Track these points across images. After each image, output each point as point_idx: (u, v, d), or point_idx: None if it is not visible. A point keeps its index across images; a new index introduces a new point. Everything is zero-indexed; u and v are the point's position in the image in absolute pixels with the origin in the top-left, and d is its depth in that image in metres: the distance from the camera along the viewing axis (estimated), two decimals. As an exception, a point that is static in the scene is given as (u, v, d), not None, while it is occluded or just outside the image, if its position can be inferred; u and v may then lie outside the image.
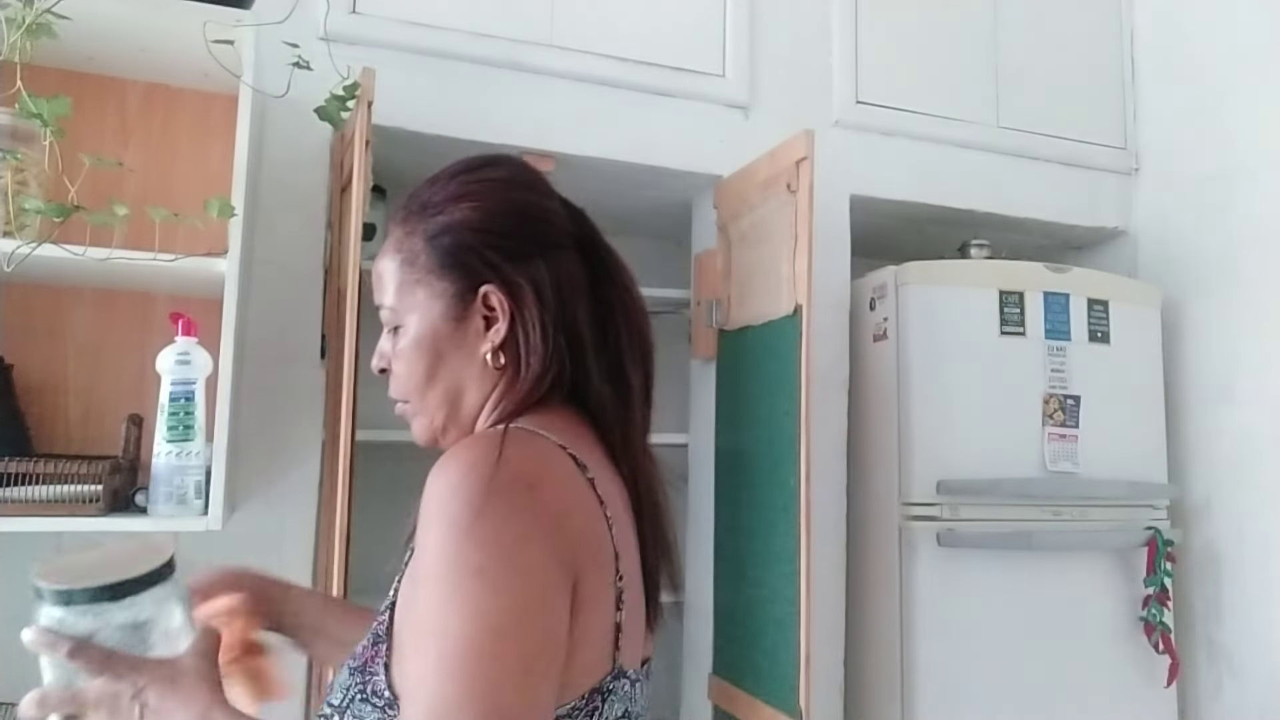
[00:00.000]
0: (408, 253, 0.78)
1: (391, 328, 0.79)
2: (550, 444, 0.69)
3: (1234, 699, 1.98)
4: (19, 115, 1.23)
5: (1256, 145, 2.01)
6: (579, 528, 0.66)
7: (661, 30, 1.90)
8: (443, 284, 0.76)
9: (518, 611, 0.60)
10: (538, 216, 0.79)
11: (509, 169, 0.82)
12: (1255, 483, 1.97)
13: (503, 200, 0.78)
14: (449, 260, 0.76)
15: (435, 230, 0.77)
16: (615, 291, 0.81)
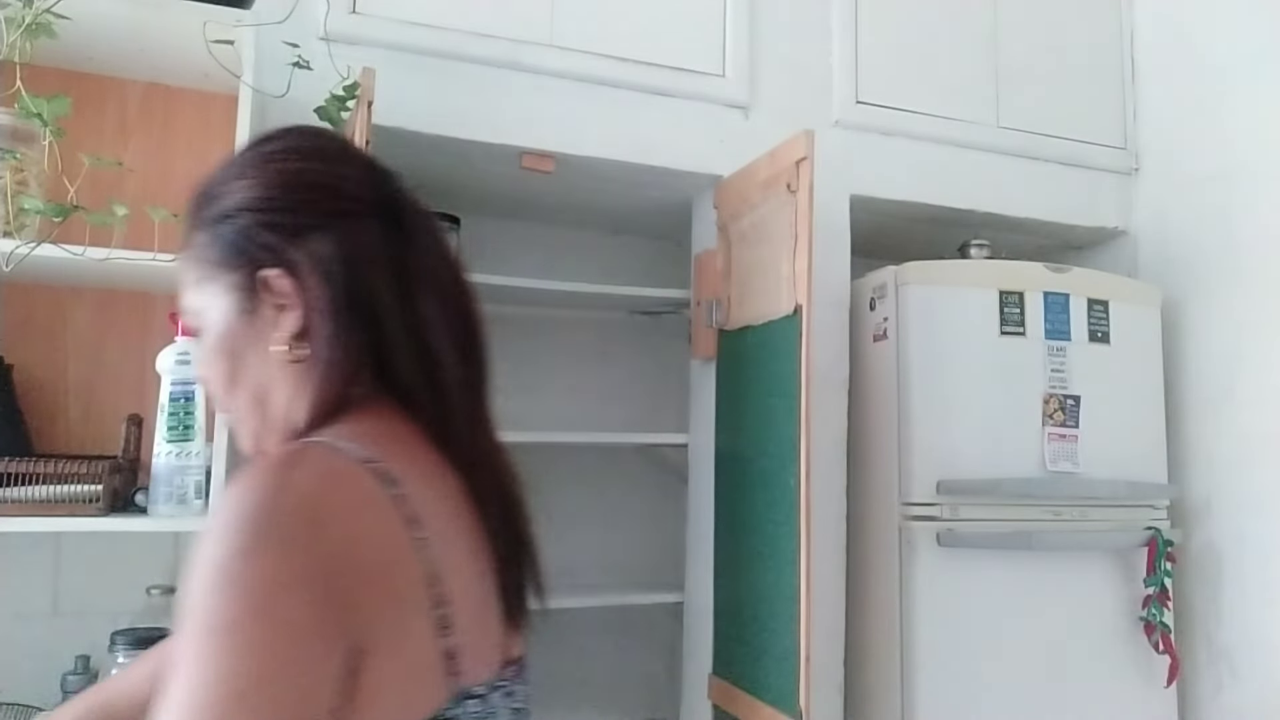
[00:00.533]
0: (195, 247, 0.71)
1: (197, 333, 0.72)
2: (348, 461, 0.60)
3: (1234, 699, 1.98)
4: (19, 115, 1.23)
5: (1256, 145, 2.01)
6: (369, 562, 0.58)
7: (661, 30, 1.90)
8: (229, 276, 0.69)
9: (268, 675, 0.53)
10: (317, 184, 0.70)
11: (291, 138, 0.73)
12: (1255, 483, 1.97)
13: (279, 174, 0.70)
14: (230, 249, 0.69)
15: (214, 218, 0.70)
16: (424, 260, 0.71)
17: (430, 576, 0.61)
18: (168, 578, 1.48)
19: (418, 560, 0.60)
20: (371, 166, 0.74)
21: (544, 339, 2.28)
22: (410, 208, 0.73)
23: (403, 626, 0.59)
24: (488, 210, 2.18)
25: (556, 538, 2.50)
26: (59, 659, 1.38)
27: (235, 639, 0.53)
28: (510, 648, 0.70)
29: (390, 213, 0.71)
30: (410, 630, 0.60)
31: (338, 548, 0.57)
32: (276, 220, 0.68)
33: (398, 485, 0.61)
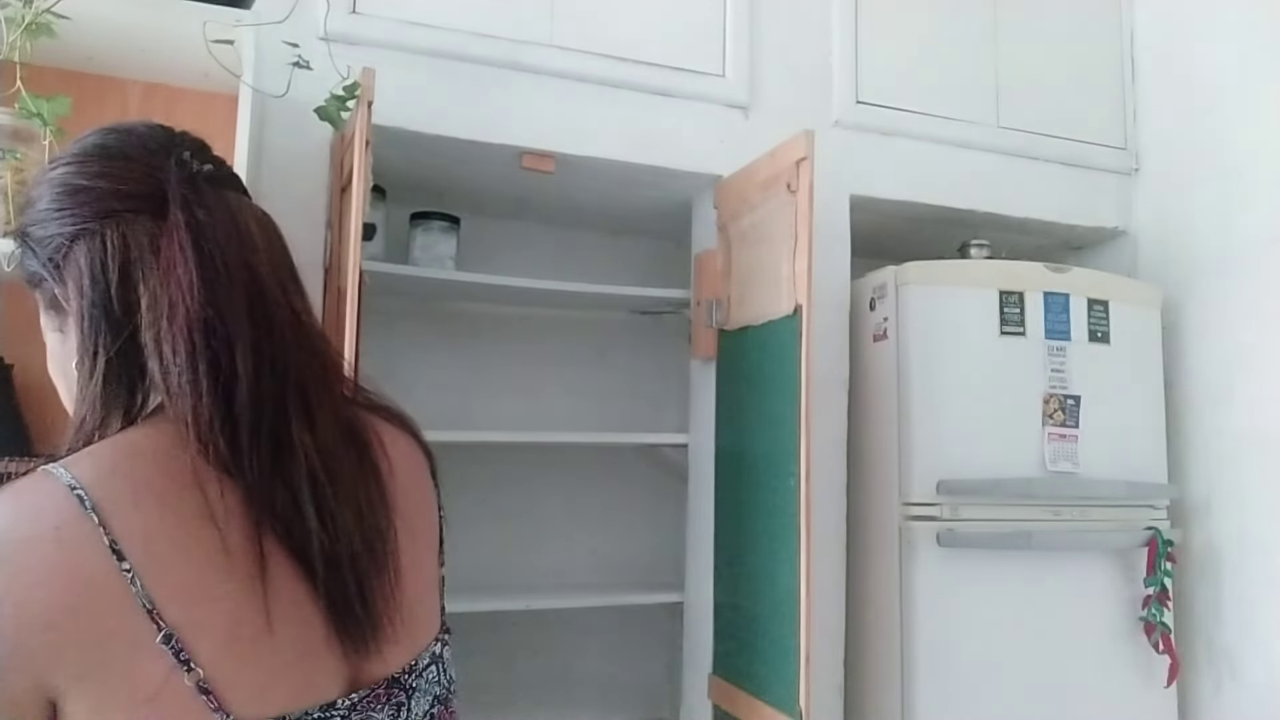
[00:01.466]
0: (21, 268, 0.68)
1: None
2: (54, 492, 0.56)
3: (1234, 699, 1.98)
4: (19, 115, 1.23)
5: (1256, 145, 2.01)
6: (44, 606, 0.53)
7: (661, 30, 1.90)
8: (38, 294, 0.68)
9: None
10: (79, 189, 0.64)
11: (77, 143, 0.68)
12: (1255, 483, 1.97)
13: (51, 184, 0.66)
14: (28, 267, 0.67)
15: (16, 234, 0.68)
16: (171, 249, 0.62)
17: (149, 610, 0.55)
18: (168, 578, 1.48)
19: (131, 594, 0.55)
20: (147, 159, 0.67)
21: (544, 339, 2.28)
22: (182, 197, 0.65)
23: (117, 665, 0.54)
24: (488, 210, 2.18)
25: (557, 538, 2.51)
26: (59, 659, 1.38)
27: None
28: (363, 668, 0.63)
29: (157, 206, 0.64)
30: (131, 668, 0.54)
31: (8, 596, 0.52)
32: (50, 233, 0.64)
33: (99, 514, 0.55)
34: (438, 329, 2.18)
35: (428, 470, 0.79)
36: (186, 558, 0.58)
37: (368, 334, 1.40)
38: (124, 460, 0.60)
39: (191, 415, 0.59)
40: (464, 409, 2.16)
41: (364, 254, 1.35)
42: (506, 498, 2.18)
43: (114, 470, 0.59)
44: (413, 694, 0.67)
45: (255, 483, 0.60)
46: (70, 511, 0.55)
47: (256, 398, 0.61)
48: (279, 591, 0.59)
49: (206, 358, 0.60)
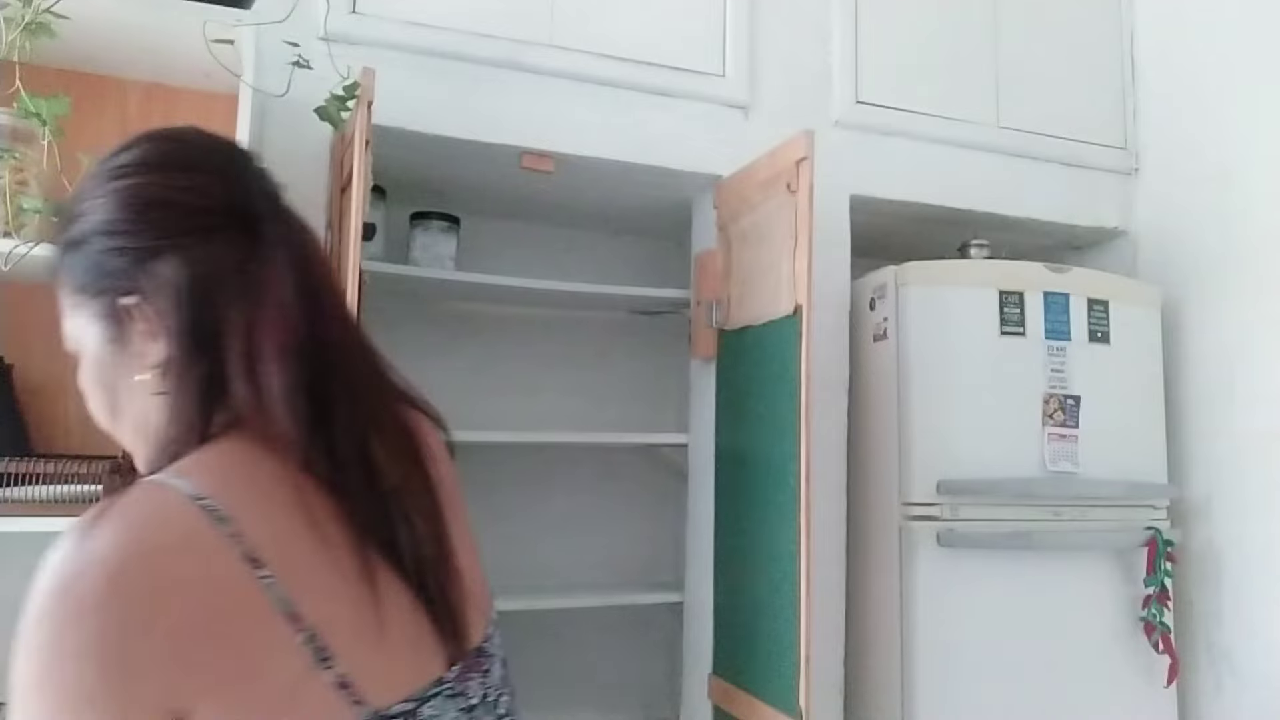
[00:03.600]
0: (61, 272, 0.68)
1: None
2: (177, 502, 0.57)
3: (1234, 699, 1.98)
4: (18, 115, 1.23)
5: (1256, 145, 2.01)
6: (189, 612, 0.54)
7: (661, 30, 1.90)
8: (92, 304, 0.66)
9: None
10: (160, 201, 0.65)
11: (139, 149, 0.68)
12: (1255, 483, 1.97)
13: (121, 192, 0.66)
14: (89, 275, 0.66)
15: (71, 242, 0.67)
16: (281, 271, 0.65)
17: (289, 614, 0.57)
18: (168, 578, 1.48)
19: (267, 599, 0.56)
20: (225, 172, 0.68)
21: (544, 339, 2.28)
22: (270, 214, 0.67)
23: (256, 669, 0.56)
24: (488, 210, 2.18)
25: (557, 538, 2.51)
26: (59, 659, 1.38)
27: (27, 709, 0.51)
28: (456, 645, 0.68)
29: (244, 223, 0.65)
30: (270, 671, 0.56)
31: (142, 607, 0.53)
32: (124, 244, 0.64)
33: (231, 523, 0.57)
34: (438, 329, 2.18)
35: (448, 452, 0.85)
36: (311, 562, 0.60)
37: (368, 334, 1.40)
38: (236, 471, 0.61)
39: (295, 434, 0.62)
40: (464, 409, 2.16)
41: (364, 254, 1.35)
42: (506, 498, 2.18)
43: (232, 480, 0.60)
44: (492, 659, 0.73)
45: (355, 495, 0.63)
46: (197, 520, 0.56)
47: (350, 417, 0.65)
48: (383, 590, 0.63)
49: (307, 379, 0.63)
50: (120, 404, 0.67)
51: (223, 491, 0.58)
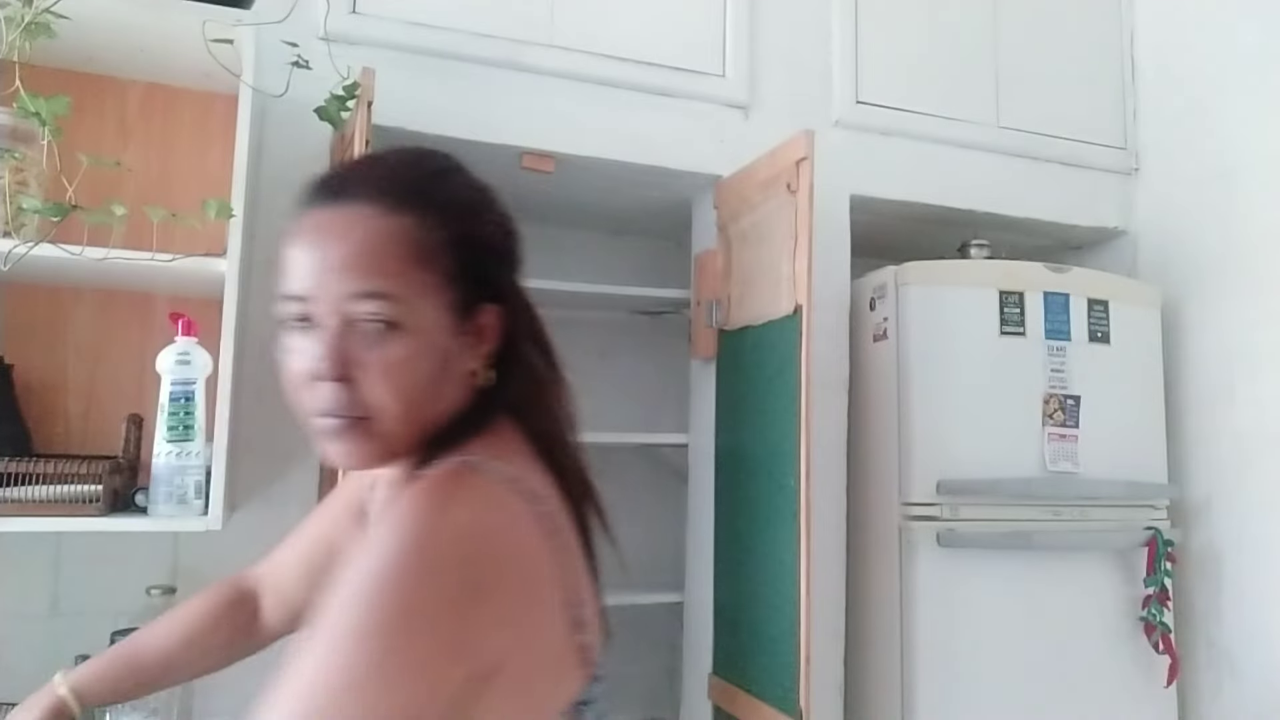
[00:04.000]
0: (423, 249, 0.69)
1: (373, 326, 0.67)
2: (498, 482, 0.65)
3: (1234, 699, 1.98)
4: (18, 115, 1.23)
5: (1256, 145, 2.01)
6: (516, 581, 0.62)
7: (661, 30, 1.90)
8: (453, 294, 0.70)
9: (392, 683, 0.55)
10: (517, 234, 0.80)
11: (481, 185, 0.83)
12: (1255, 483, 1.97)
13: (503, 217, 0.79)
14: (469, 272, 0.71)
15: (458, 236, 0.72)
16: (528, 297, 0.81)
17: (567, 583, 0.67)
18: (168, 578, 1.48)
19: (559, 570, 0.66)
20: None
21: (544, 339, 2.28)
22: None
23: (544, 632, 0.65)
24: (488, 210, 2.18)
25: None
26: (59, 659, 1.38)
27: (372, 644, 0.56)
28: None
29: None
30: (551, 634, 0.66)
31: (488, 573, 0.61)
32: (504, 262, 0.77)
33: (541, 502, 0.67)
34: (438, 329, 2.18)
35: None
36: (574, 540, 0.72)
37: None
38: (522, 458, 0.71)
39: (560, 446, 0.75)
40: (464, 409, 2.16)
41: (364, 254, 1.34)
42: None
43: (529, 466, 0.71)
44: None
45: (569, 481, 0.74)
46: (518, 501, 0.65)
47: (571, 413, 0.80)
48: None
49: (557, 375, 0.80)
50: (432, 388, 0.70)
51: (528, 475, 0.68)
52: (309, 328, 0.70)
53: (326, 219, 0.70)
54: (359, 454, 0.70)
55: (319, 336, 0.69)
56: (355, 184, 0.71)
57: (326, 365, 0.67)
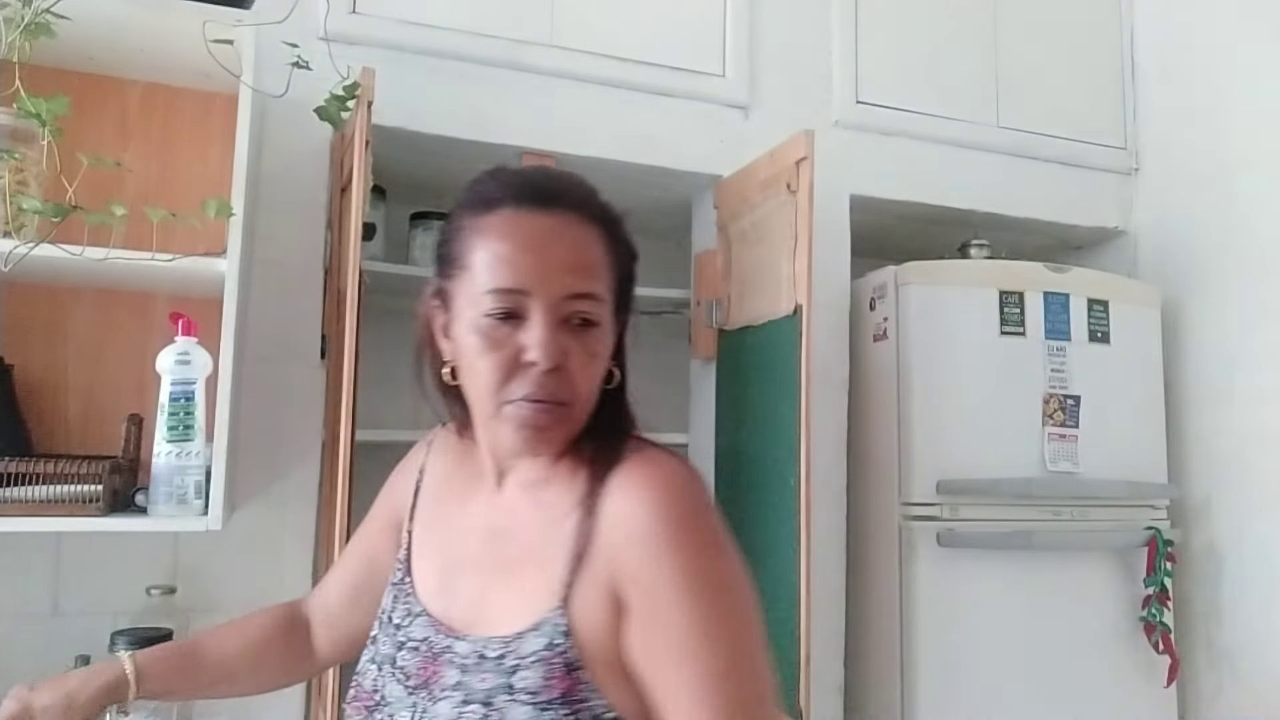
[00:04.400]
0: (607, 262, 0.80)
1: (579, 322, 0.76)
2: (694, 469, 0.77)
3: (1234, 699, 1.98)
4: (18, 115, 1.23)
5: (1256, 145, 2.01)
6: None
7: (661, 30, 1.90)
8: (612, 303, 0.81)
9: (752, 621, 0.70)
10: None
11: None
12: (1255, 483, 1.97)
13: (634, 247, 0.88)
14: (619, 287, 0.82)
15: (619, 256, 0.82)
16: None
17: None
18: (168, 578, 1.48)
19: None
20: None
21: (544, 339, 2.28)
22: None
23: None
24: (488, 210, 2.17)
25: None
26: (59, 659, 1.38)
27: (733, 597, 0.71)
28: None
29: None
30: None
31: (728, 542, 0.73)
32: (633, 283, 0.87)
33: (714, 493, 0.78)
34: (438, 329, 2.18)
35: None
36: None
37: (368, 334, 1.40)
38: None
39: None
40: (464, 409, 2.16)
41: (364, 254, 1.35)
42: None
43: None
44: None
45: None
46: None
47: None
48: None
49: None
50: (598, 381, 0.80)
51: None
52: (515, 320, 0.75)
53: (549, 224, 0.77)
54: (553, 438, 0.77)
55: (535, 328, 0.74)
56: (565, 196, 0.79)
57: (549, 353, 0.73)
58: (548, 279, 0.75)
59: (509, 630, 0.73)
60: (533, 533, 0.78)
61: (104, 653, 1.32)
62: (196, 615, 1.48)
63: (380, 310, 1.93)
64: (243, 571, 1.53)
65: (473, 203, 0.81)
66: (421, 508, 0.91)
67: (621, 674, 0.71)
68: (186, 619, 1.46)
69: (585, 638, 0.71)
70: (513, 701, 0.69)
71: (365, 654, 0.84)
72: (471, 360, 0.76)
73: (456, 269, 0.79)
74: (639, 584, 0.70)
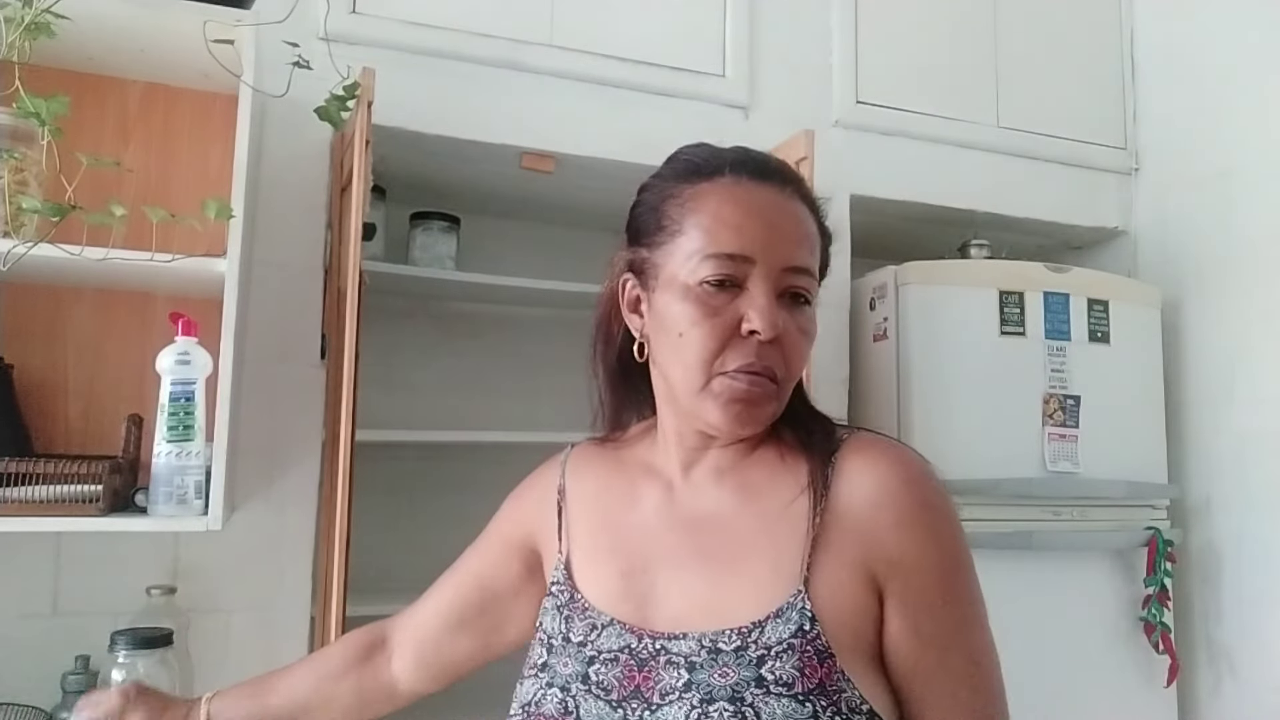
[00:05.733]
0: (823, 243, 0.80)
1: (794, 297, 0.76)
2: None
3: (1234, 699, 1.98)
4: (18, 115, 1.23)
5: (1256, 145, 2.01)
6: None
7: (661, 30, 1.90)
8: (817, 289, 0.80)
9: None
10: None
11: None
12: (1255, 483, 1.97)
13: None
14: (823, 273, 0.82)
15: (829, 239, 0.83)
16: None
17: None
18: (168, 578, 1.48)
19: None
20: None
21: (544, 339, 2.28)
22: None
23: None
24: (488, 210, 2.18)
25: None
26: (59, 659, 1.38)
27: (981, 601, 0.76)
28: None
29: None
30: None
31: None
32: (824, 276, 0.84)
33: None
34: (438, 329, 2.18)
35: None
36: None
37: (368, 334, 1.40)
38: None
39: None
40: (464, 409, 2.16)
41: (364, 254, 1.34)
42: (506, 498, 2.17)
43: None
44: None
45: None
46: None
47: None
48: None
49: None
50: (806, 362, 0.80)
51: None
52: (733, 288, 0.73)
53: (778, 198, 0.76)
54: (761, 416, 0.74)
55: (757, 297, 0.72)
56: (781, 172, 0.80)
57: (770, 321, 0.71)
58: (772, 248, 0.73)
59: (744, 619, 0.69)
60: (747, 519, 0.75)
61: (104, 653, 1.32)
62: (196, 615, 1.48)
63: (380, 310, 1.94)
64: (243, 571, 1.53)
65: (683, 171, 0.79)
66: (575, 523, 0.86)
67: (870, 662, 0.69)
68: (186, 619, 1.46)
69: (834, 622, 0.68)
70: (766, 695, 0.65)
71: (533, 682, 0.78)
72: (682, 328, 0.73)
73: (665, 236, 0.76)
74: (902, 566, 0.69)
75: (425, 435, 1.90)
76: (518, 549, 0.91)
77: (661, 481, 0.82)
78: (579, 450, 0.96)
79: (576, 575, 0.82)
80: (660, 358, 0.77)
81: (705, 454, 0.80)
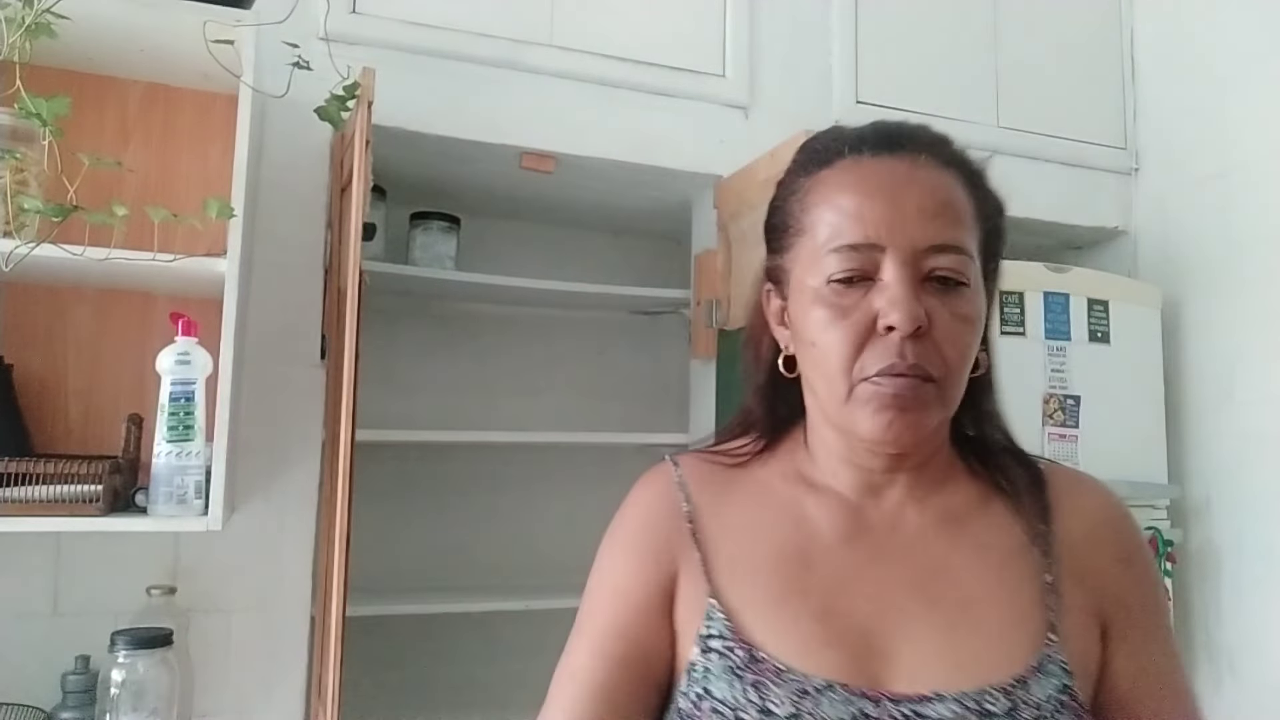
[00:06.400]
0: (981, 210, 0.70)
1: (942, 280, 0.64)
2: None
3: (1233, 698, 1.98)
4: (18, 115, 1.23)
5: (1256, 145, 2.01)
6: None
7: (661, 30, 1.90)
8: (988, 275, 0.70)
9: None
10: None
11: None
12: (1255, 483, 1.97)
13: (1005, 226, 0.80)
14: (985, 251, 0.71)
15: (995, 204, 0.74)
16: None
17: None
18: (168, 578, 1.48)
19: None
20: None
21: (544, 339, 2.28)
22: None
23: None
24: (488, 210, 2.18)
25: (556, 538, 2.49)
26: (59, 659, 1.38)
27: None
28: None
29: None
30: None
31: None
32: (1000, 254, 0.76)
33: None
34: (438, 329, 2.18)
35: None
36: None
37: (368, 334, 1.40)
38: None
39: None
40: (464, 409, 2.16)
41: (364, 254, 1.34)
42: (506, 498, 2.18)
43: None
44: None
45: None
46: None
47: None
48: None
49: None
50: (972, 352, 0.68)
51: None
52: (865, 282, 0.63)
53: (898, 168, 0.65)
54: (919, 422, 0.63)
55: (890, 287, 0.62)
56: (915, 139, 0.67)
57: (908, 311, 0.61)
58: (901, 228, 0.63)
59: (1003, 676, 0.60)
60: (967, 556, 0.66)
61: (104, 653, 1.32)
62: (196, 615, 1.49)
63: (380, 310, 1.94)
64: (243, 571, 1.53)
65: (805, 163, 0.71)
66: (719, 555, 0.69)
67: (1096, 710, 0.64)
68: (186, 619, 1.46)
69: (1080, 672, 0.62)
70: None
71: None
72: (815, 336, 0.64)
73: (791, 237, 0.69)
74: (1129, 606, 0.66)
75: (425, 435, 1.90)
76: (658, 607, 0.70)
77: (835, 501, 0.70)
78: (689, 466, 0.77)
79: (749, 625, 0.65)
80: (805, 371, 0.68)
81: (896, 476, 0.69)
